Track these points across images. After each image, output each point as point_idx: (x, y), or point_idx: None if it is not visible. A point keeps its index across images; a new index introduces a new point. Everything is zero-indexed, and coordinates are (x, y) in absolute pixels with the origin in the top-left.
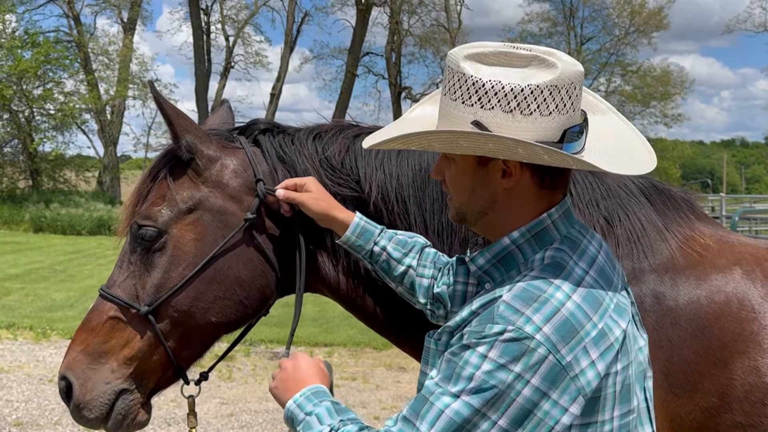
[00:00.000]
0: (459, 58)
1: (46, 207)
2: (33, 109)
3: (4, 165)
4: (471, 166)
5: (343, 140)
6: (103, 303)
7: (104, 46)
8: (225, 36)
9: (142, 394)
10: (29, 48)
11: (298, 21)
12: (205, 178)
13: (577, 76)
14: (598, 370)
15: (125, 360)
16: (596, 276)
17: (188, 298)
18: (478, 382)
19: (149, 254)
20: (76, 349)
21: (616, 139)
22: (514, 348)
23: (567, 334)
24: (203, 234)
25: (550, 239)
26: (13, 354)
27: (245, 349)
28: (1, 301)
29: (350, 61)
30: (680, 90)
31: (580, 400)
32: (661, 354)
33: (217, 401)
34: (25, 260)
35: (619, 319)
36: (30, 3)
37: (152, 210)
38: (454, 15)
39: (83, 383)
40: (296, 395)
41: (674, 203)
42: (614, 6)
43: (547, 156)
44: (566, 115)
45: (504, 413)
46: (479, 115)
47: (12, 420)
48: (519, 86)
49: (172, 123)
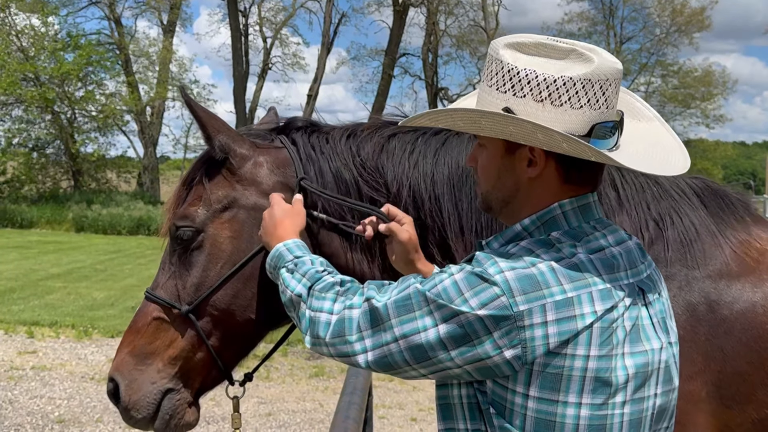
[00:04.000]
0: (499, 46)
1: (87, 207)
2: (75, 111)
3: (47, 165)
4: (499, 152)
5: (378, 140)
6: (148, 305)
7: (144, 48)
8: (263, 37)
9: (188, 393)
10: (71, 50)
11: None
12: (240, 176)
13: (614, 73)
14: (548, 332)
15: (170, 360)
16: (592, 258)
17: (227, 297)
18: (437, 289)
19: (188, 254)
20: (123, 351)
21: (656, 144)
22: (474, 280)
23: (528, 287)
24: (239, 231)
25: (557, 229)
26: (55, 352)
27: (283, 350)
28: (44, 299)
29: (387, 62)
30: (722, 90)
31: (519, 351)
32: (714, 365)
33: (255, 401)
34: (67, 259)
35: (598, 301)
36: (72, 5)
37: (189, 210)
38: (492, 15)
39: (129, 384)
40: (288, 241)
41: (730, 205)
42: (655, 5)
43: (566, 144)
44: (599, 110)
45: (445, 322)
46: (511, 102)
47: (54, 417)
48: (552, 77)
49: (205, 125)
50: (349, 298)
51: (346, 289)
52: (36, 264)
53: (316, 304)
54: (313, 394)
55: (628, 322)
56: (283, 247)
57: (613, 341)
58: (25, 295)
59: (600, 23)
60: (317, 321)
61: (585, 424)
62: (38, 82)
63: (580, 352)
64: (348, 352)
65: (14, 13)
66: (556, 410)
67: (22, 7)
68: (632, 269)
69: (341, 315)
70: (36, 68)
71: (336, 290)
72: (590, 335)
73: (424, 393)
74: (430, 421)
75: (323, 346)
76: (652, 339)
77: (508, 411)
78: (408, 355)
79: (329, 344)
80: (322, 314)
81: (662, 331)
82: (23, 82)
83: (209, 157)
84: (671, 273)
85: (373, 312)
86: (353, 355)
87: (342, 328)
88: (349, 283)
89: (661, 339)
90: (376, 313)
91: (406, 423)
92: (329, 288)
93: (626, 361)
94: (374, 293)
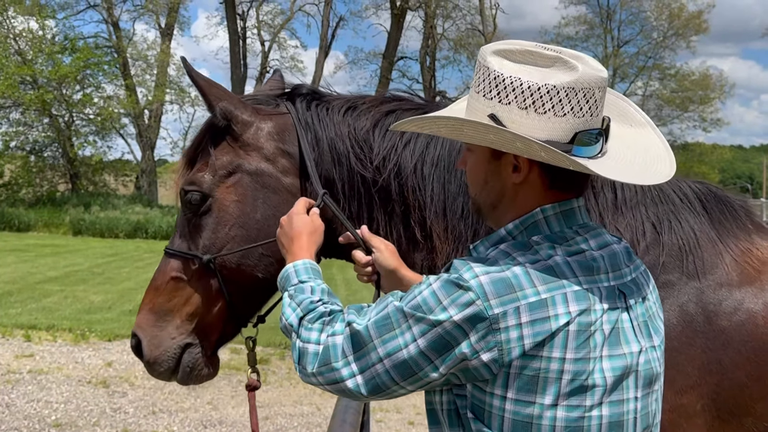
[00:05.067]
0: (487, 52)
1: (85, 210)
2: (73, 114)
3: (44, 169)
4: (485, 157)
5: (375, 114)
6: (167, 262)
7: (142, 52)
8: (261, 41)
9: (206, 347)
10: (69, 53)
11: (333, 26)
12: (243, 142)
13: (598, 81)
14: (523, 334)
15: (188, 316)
16: (569, 260)
17: (236, 256)
18: (416, 301)
19: (198, 217)
20: (144, 309)
21: (645, 151)
22: (450, 287)
23: (502, 290)
24: (244, 195)
25: (539, 233)
26: (52, 355)
27: (280, 353)
28: (41, 303)
29: (385, 65)
30: (719, 94)
31: (496, 354)
32: (711, 378)
33: None
34: (64, 263)
35: (573, 302)
36: (70, 9)
37: (196, 176)
38: (489, 19)
39: (151, 340)
40: (297, 262)
41: (732, 212)
42: (653, 9)
43: (544, 153)
44: (582, 118)
45: (424, 335)
46: (496, 109)
47: (51, 421)
48: (536, 85)
49: (206, 93)
50: (332, 326)
51: (332, 318)
52: (33, 267)
53: (305, 335)
54: (310, 397)
55: (607, 326)
56: (292, 268)
57: (590, 344)
58: (22, 298)
59: (597, 27)
60: (306, 352)
61: (562, 425)
62: (36, 85)
63: (556, 355)
64: (336, 379)
65: (12, 16)
66: (533, 412)
67: (20, 10)
68: (614, 272)
69: (326, 343)
70: (34, 71)
71: (323, 320)
72: (566, 337)
73: (421, 397)
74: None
75: (312, 377)
76: (631, 342)
77: (486, 414)
78: (394, 373)
79: (317, 374)
80: (310, 345)
81: (643, 335)
82: (21, 85)
83: (213, 125)
84: (669, 280)
85: (356, 336)
86: (341, 381)
87: (327, 356)
88: (336, 313)
89: (640, 342)
90: (358, 336)
91: (403, 427)
92: (317, 318)
93: (604, 364)
94: (354, 317)
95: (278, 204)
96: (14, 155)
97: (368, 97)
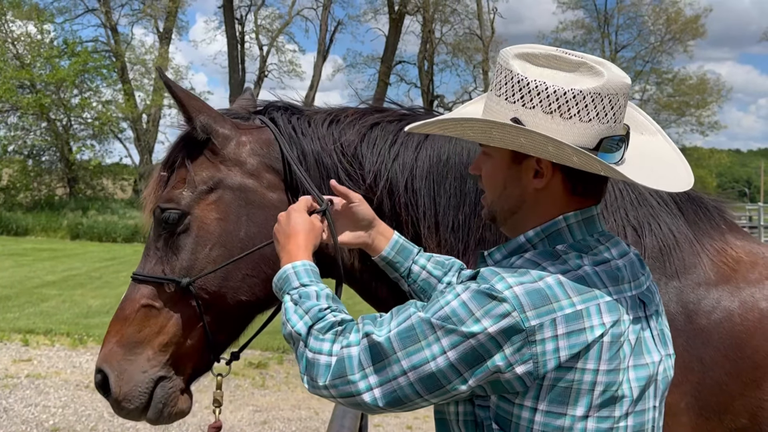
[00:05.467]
0: (509, 56)
1: (83, 214)
2: (71, 118)
3: (42, 173)
4: (505, 162)
5: (359, 128)
6: (136, 290)
7: (140, 56)
8: (259, 45)
9: (181, 380)
10: (68, 57)
11: (331, 30)
12: (223, 156)
13: (623, 87)
14: (559, 346)
15: (161, 347)
16: (598, 270)
17: (217, 278)
18: (444, 312)
19: (175, 237)
20: (110, 342)
21: (660, 159)
22: (482, 298)
23: (538, 301)
24: (226, 212)
25: (562, 242)
26: (50, 360)
27: (278, 357)
28: (39, 307)
29: (383, 69)
30: (717, 98)
31: (531, 367)
32: (692, 376)
33: (251, 409)
34: (62, 267)
35: (606, 313)
36: (68, 13)
37: (174, 193)
38: (487, 23)
39: (119, 374)
40: (297, 263)
41: (706, 213)
42: (650, 14)
43: (576, 158)
44: (606, 124)
45: (455, 347)
46: (520, 113)
47: (49, 426)
48: (562, 89)
49: (185, 105)
50: (346, 337)
51: (344, 328)
52: (31, 271)
53: (316, 346)
54: (308, 402)
55: (632, 336)
56: (291, 269)
57: (620, 355)
58: (20, 302)
59: (595, 31)
60: (316, 363)
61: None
62: (34, 89)
63: (590, 366)
64: (352, 392)
65: (10, 20)
66: (564, 423)
67: (19, 15)
68: (635, 281)
69: (340, 355)
70: (32, 75)
71: (335, 330)
72: (600, 349)
73: None
74: (425, 430)
75: (323, 389)
76: (653, 352)
77: (513, 425)
78: (419, 386)
79: (330, 386)
80: (321, 356)
81: (661, 344)
82: (19, 89)
83: (190, 138)
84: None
85: (375, 347)
86: (357, 394)
87: (342, 368)
88: (348, 323)
89: (660, 351)
90: (378, 348)
91: (401, 431)
92: (329, 328)
93: (630, 374)
94: (371, 327)
95: (263, 221)
96: (12, 159)
97: (350, 109)
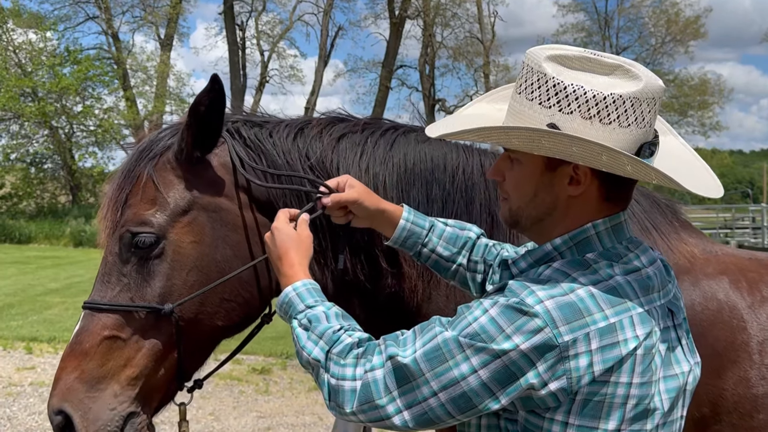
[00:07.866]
0: (541, 58)
1: (86, 222)
2: (73, 126)
3: (45, 180)
4: (538, 169)
5: (328, 141)
6: (94, 320)
7: (142, 63)
8: (260, 51)
9: (147, 414)
10: (69, 65)
11: (332, 35)
12: (194, 174)
13: (659, 91)
14: (593, 361)
15: (129, 380)
16: (629, 280)
17: (194, 304)
18: (472, 329)
19: (147, 263)
20: (68, 378)
21: (677, 158)
22: (512, 313)
23: (570, 315)
24: (201, 235)
25: (591, 250)
26: (54, 368)
27: (282, 363)
28: (42, 315)
29: (384, 74)
30: (718, 99)
31: (565, 383)
32: None
33: (254, 415)
34: (65, 274)
35: (639, 325)
36: (69, 21)
37: (145, 215)
38: (488, 27)
39: (84, 414)
40: (297, 284)
41: (660, 210)
42: (650, 15)
43: (630, 167)
44: (644, 129)
45: (486, 366)
46: (556, 118)
47: None
48: (602, 94)
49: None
50: (368, 360)
51: (364, 350)
52: (34, 279)
53: (338, 371)
54: (312, 407)
55: (662, 346)
56: (292, 291)
57: (652, 367)
58: (24, 310)
59: (596, 34)
60: (341, 390)
61: None
62: (36, 97)
63: (624, 380)
64: (381, 417)
65: (12, 28)
66: None
67: (20, 23)
68: (663, 289)
69: (364, 379)
70: (34, 83)
71: (355, 354)
72: (633, 362)
73: None
74: None
75: (350, 416)
76: (682, 362)
77: None
78: (451, 407)
79: (358, 412)
80: (345, 382)
81: (690, 352)
82: (21, 98)
83: (153, 155)
84: None
85: (401, 369)
86: (387, 418)
87: (369, 393)
88: (366, 342)
89: (689, 361)
90: (405, 370)
91: None
92: (348, 351)
93: (661, 386)
94: (395, 349)
95: (239, 242)
96: (15, 167)
97: (313, 119)
